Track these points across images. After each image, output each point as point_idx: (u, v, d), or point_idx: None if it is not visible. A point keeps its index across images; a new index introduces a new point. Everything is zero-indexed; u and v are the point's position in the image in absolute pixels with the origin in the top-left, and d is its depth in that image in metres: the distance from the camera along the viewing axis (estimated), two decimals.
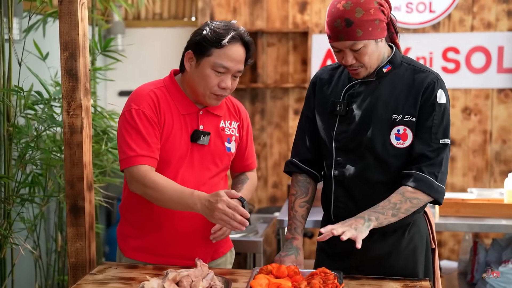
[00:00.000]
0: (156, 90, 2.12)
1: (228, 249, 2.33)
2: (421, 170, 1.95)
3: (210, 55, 2.03)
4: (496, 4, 4.71)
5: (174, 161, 2.10)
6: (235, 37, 2.03)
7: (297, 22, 4.93)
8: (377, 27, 1.93)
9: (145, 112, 2.05)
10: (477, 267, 3.54)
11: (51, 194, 3.18)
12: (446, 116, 1.99)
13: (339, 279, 1.86)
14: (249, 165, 2.34)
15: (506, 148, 4.80)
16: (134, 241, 2.20)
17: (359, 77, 2.03)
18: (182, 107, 2.12)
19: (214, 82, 2.05)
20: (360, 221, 1.87)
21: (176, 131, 2.09)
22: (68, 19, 2.29)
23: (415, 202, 1.94)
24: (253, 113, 5.05)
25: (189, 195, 1.95)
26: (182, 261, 2.16)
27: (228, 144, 2.19)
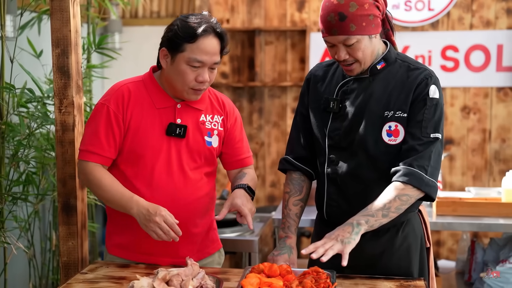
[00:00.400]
0: (130, 85, 2.12)
1: (216, 250, 2.30)
2: (409, 164, 1.92)
3: (183, 51, 2.01)
4: (495, 2, 4.69)
5: (148, 154, 2.08)
6: (206, 29, 2.00)
7: (295, 20, 4.91)
8: (371, 22, 1.91)
9: (109, 108, 2.07)
10: (474, 266, 3.52)
11: (45, 192, 3.17)
12: (439, 112, 1.96)
13: (331, 278, 1.84)
14: (243, 160, 2.27)
15: (505, 147, 4.77)
16: (117, 238, 2.19)
17: (353, 74, 2.01)
18: (158, 101, 2.10)
19: (191, 77, 2.03)
20: (348, 229, 1.84)
21: (147, 125, 2.08)
22: (59, 16, 2.27)
23: (405, 199, 1.91)
24: (250, 112, 5.03)
25: (128, 198, 2.01)
26: (163, 259, 2.14)
27: (209, 138, 2.15)
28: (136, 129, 2.08)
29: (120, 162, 2.11)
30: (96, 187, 2.06)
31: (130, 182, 2.09)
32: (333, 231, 1.86)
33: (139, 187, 2.08)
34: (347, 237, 1.82)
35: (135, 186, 2.08)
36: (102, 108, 2.08)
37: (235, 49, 5.03)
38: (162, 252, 2.14)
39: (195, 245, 2.19)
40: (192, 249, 2.18)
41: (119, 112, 2.07)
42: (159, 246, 2.12)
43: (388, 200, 1.89)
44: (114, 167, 2.13)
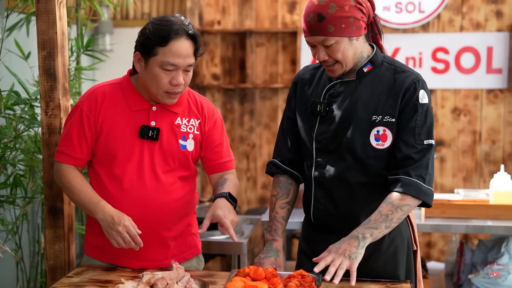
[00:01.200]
0: (107, 87, 2.13)
1: (194, 255, 2.28)
2: (408, 174, 1.92)
3: (156, 54, 2.00)
4: (485, 5, 4.71)
5: (120, 156, 2.09)
6: (178, 32, 1.99)
7: (286, 22, 4.92)
8: (351, 24, 1.90)
9: (83, 110, 2.09)
10: (463, 268, 3.53)
11: (33, 195, 3.15)
12: (429, 117, 1.97)
13: (317, 282, 1.84)
14: (223, 164, 2.24)
15: (495, 149, 4.79)
16: (91, 238, 2.20)
17: (334, 75, 2.01)
18: (133, 104, 2.10)
19: (165, 80, 2.02)
20: (354, 243, 1.83)
21: (120, 127, 2.08)
22: (45, 18, 2.27)
23: (406, 209, 1.92)
24: (242, 113, 5.03)
25: (95, 203, 2.03)
26: (135, 262, 2.13)
27: (183, 141, 2.14)
28: (109, 131, 2.08)
29: (95, 163, 2.13)
30: (67, 189, 2.11)
31: (103, 183, 2.10)
32: (339, 244, 1.85)
33: (111, 188, 2.09)
34: (354, 252, 1.82)
35: (107, 187, 2.09)
36: (76, 110, 2.11)
37: (226, 50, 5.03)
38: (135, 255, 2.12)
39: (168, 249, 2.17)
40: (165, 253, 2.17)
41: (91, 114, 2.08)
42: (132, 249, 2.09)
43: (390, 211, 1.90)
44: (90, 167, 2.16)
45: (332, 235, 2.08)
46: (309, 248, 2.15)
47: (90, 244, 2.20)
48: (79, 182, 2.08)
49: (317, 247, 2.12)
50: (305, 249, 2.18)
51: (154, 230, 2.11)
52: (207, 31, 4.95)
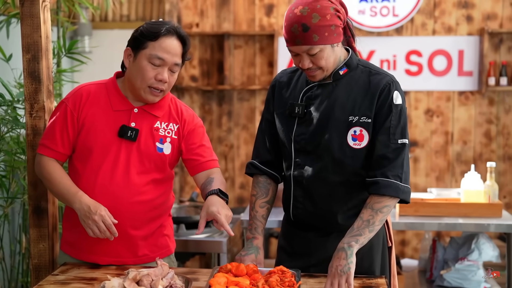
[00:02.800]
0: (93, 87, 2.20)
1: (165, 255, 2.29)
2: (385, 175, 1.99)
3: (146, 48, 2.09)
4: (456, 9, 4.84)
5: (96, 152, 2.14)
6: (169, 30, 2.09)
7: (263, 24, 4.99)
8: (333, 32, 1.98)
9: (67, 106, 2.15)
10: (435, 264, 3.63)
11: (15, 195, 3.17)
12: (403, 117, 2.04)
13: (296, 277, 1.91)
14: (205, 163, 2.25)
15: (467, 149, 4.93)
16: (66, 234, 2.24)
17: (315, 80, 2.07)
18: (116, 104, 2.17)
19: (151, 74, 2.09)
20: (342, 255, 1.89)
21: (100, 125, 2.14)
22: (30, 21, 2.30)
23: (386, 210, 1.98)
24: (220, 114, 5.09)
25: (72, 193, 2.09)
26: (104, 258, 2.18)
27: (160, 144, 2.19)
28: (89, 127, 2.14)
29: (74, 158, 2.19)
30: (46, 180, 2.16)
31: (79, 177, 2.16)
32: (332, 262, 1.91)
33: (85, 183, 2.14)
34: (344, 264, 1.88)
35: (81, 181, 2.14)
36: (61, 106, 2.17)
37: (204, 52, 5.08)
38: (103, 251, 2.17)
39: (137, 248, 2.21)
40: (134, 251, 2.21)
41: (75, 110, 2.14)
42: (100, 245, 2.15)
43: (371, 215, 1.96)
44: (70, 161, 2.21)
45: (311, 232, 2.15)
46: (289, 245, 2.21)
47: (65, 240, 2.25)
48: (59, 173, 2.14)
49: (296, 244, 2.19)
50: (284, 246, 2.24)
51: (122, 228, 2.13)
52: None
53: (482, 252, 3.44)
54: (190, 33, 4.99)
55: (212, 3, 5.01)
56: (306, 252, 2.16)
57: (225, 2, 5.00)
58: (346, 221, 2.06)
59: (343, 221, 2.09)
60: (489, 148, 4.91)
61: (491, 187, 3.35)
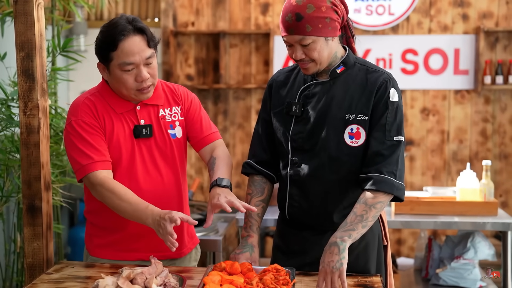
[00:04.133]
0: (90, 97, 2.16)
1: (194, 245, 2.35)
2: (379, 171, 1.99)
3: (112, 59, 2.05)
4: (452, 8, 4.84)
5: (124, 159, 2.13)
6: (123, 32, 2.02)
7: (259, 23, 4.98)
8: (327, 25, 1.98)
9: (84, 120, 2.09)
10: (431, 263, 3.63)
11: (10, 194, 3.16)
12: (399, 114, 2.04)
13: (291, 275, 1.91)
14: (207, 137, 2.27)
15: (463, 148, 4.93)
16: (99, 239, 2.23)
17: (308, 73, 2.07)
18: (117, 107, 2.15)
19: (130, 80, 2.07)
20: (335, 250, 1.87)
21: (119, 130, 2.13)
22: (24, 19, 2.28)
23: (379, 207, 1.98)
24: (216, 113, 5.09)
25: (143, 209, 1.98)
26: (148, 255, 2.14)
27: (172, 130, 2.20)
28: (111, 134, 2.12)
29: None
30: (109, 199, 2.02)
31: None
32: (323, 258, 1.89)
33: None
34: (337, 260, 1.86)
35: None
36: (78, 124, 2.09)
37: (200, 51, 5.07)
38: (148, 248, 2.17)
39: (180, 240, 2.20)
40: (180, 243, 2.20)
41: (95, 121, 2.10)
42: (146, 242, 2.15)
43: (364, 211, 1.95)
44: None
45: (306, 231, 2.15)
46: (284, 243, 2.21)
47: (97, 245, 2.23)
48: (122, 189, 2.02)
49: (291, 242, 2.19)
50: (280, 244, 2.24)
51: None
52: (181, 32, 4.99)
53: (478, 251, 3.44)
54: (185, 32, 4.99)
55: (208, 2, 5.00)
56: (301, 250, 2.15)
57: (221, 0, 5.00)
58: (342, 220, 2.04)
59: (338, 219, 2.08)
60: (485, 147, 4.92)
61: (486, 186, 3.35)
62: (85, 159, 2.05)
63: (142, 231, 2.16)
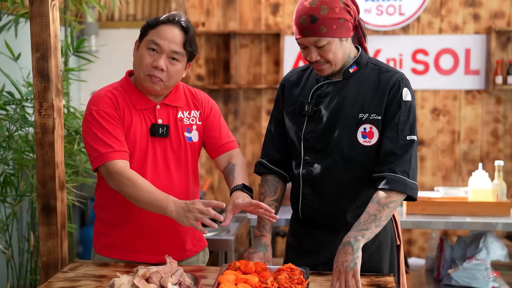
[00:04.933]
0: (113, 90, 2.18)
1: (202, 248, 2.35)
2: (392, 170, 1.99)
3: (146, 35, 2.12)
4: (463, 8, 4.83)
5: (137, 155, 2.14)
6: (170, 19, 2.11)
7: (269, 23, 4.99)
8: (341, 26, 1.98)
9: (105, 111, 2.10)
10: (443, 263, 3.63)
11: (24, 193, 3.19)
12: (412, 114, 2.05)
13: (305, 275, 1.91)
14: (225, 145, 2.29)
15: (474, 148, 4.92)
16: (105, 238, 2.24)
17: (323, 74, 2.08)
18: (138, 103, 2.16)
19: (148, 60, 2.09)
20: (348, 250, 1.88)
21: (136, 125, 2.14)
22: (39, 20, 2.30)
23: (392, 206, 1.98)
24: (226, 113, 5.10)
25: (164, 198, 1.99)
26: (151, 257, 2.19)
27: (188, 134, 2.22)
28: (128, 128, 2.14)
29: None
30: (128, 187, 2.02)
31: None
32: (337, 257, 1.89)
33: None
34: (351, 260, 1.86)
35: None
36: (98, 114, 2.10)
37: (210, 52, 5.09)
38: (152, 250, 2.19)
39: (184, 243, 2.24)
40: (181, 247, 2.24)
41: (115, 112, 2.12)
42: (151, 244, 2.17)
43: (378, 210, 1.96)
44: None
45: (319, 230, 2.16)
46: (297, 243, 2.22)
47: (103, 244, 2.24)
48: (141, 178, 2.03)
49: (304, 242, 2.20)
50: (293, 244, 2.25)
51: (172, 225, 2.15)
52: None
53: (490, 251, 3.43)
54: (196, 33, 4.98)
55: (218, 2, 5.01)
56: (314, 250, 2.16)
57: (231, 1, 5.01)
58: (355, 219, 2.05)
59: (351, 219, 2.09)
60: (496, 147, 4.90)
61: (499, 186, 3.34)
62: (104, 147, 2.06)
63: (146, 229, 2.17)
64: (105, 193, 2.19)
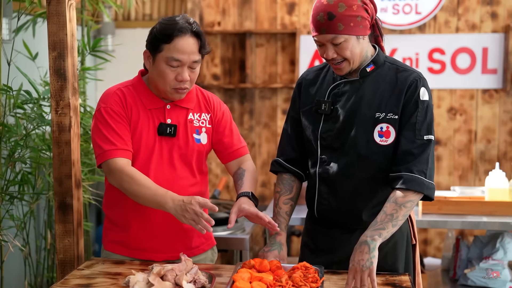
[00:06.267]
0: (123, 88, 2.20)
1: (210, 247, 2.36)
2: (409, 170, 1.99)
3: (162, 51, 2.09)
4: (480, 6, 4.79)
5: (142, 153, 2.15)
6: (181, 29, 2.07)
7: (285, 23, 4.99)
8: (359, 23, 1.98)
9: (113, 109, 2.13)
10: (459, 263, 3.60)
11: (41, 192, 3.22)
12: (429, 113, 2.04)
13: (319, 273, 1.91)
14: (236, 151, 2.31)
15: (491, 148, 4.87)
16: (112, 234, 2.27)
17: (341, 73, 2.08)
18: (148, 102, 2.18)
19: (171, 76, 2.10)
20: (365, 249, 1.88)
21: (143, 124, 2.16)
22: (56, 20, 2.33)
23: (409, 205, 1.97)
24: (241, 113, 5.10)
25: (162, 194, 2.02)
26: (157, 255, 2.21)
27: (197, 135, 2.22)
28: (135, 127, 2.16)
29: None
30: (128, 184, 2.05)
31: None
32: (353, 256, 1.89)
33: None
34: (367, 259, 1.86)
35: None
36: (105, 112, 2.13)
37: (226, 51, 5.09)
38: (158, 248, 2.21)
39: (190, 241, 2.26)
40: (187, 245, 2.25)
41: (122, 111, 2.14)
42: (155, 242, 2.20)
43: (395, 209, 1.95)
44: None
45: (335, 229, 2.15)
46: (312, 242, 2.22)
47: (110, 240, 2.27)
48: (141, 175, 2.06)
49: (319, 241, 2.20)
50: (308, 243, 2.25)
51: (177, 224, 2.18)
52: (207, 32, 5.02)
53: (507, 251, 3.40)
54: (212, 32, 5.01)
55: (234, 1, 5.02)
56: (330, 249, 2.16)
57: (247, 0, 5.01)
58: (371, 218, 2.05)
59: (367, 218, 2.08)
60: None
61: None
62: (108, 145, 2.09)
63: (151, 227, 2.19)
64: (111, 191, 2.23)
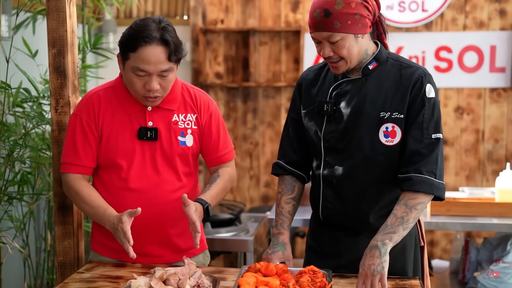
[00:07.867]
0: (101, 92, 2.15)
1: (201, 250, 2.29)
2: (419, 171, 1.92)
3: (128, 59, 2.01)
4: (488, 3, 4.72)
5: (121, 158, 2.10)
6: (147, 39, 1.96)
7: (289, 21, 4.93)
8: (357, 22, 1.91)
9: (82, 118, 2.10)
10: (468, 266, 3.55)
11: (40, 192, 3.17)
12: (437, 111, 1.97)
13: (327, 278, 1.86)
14: (222, 157, 2.26)
15: (499, 148, 4.81)
16: (98, 235, 2.23)
17: (338, 72, 2.01)
18: (127, 106, 2.12)
19: (139, 85, 2.03)
20: (376, 254, 1.82)
21: (118, 130, 2.10)
22: (56, 16, 2.28)
23: (420, 207, 1.92)
24: (245, 112, 5.05)
25: (101, 213, 2.04)
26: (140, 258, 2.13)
27: (182, 138, 2.15)
28: (109, 134, 2.10)
29: (99, 169, 2.15)
30: (74, 200, 2.14)
31: (107, 188, 2.13)
32: (363, 260, 1.84)
33: (115, 191, 2.11)
34: (378, 263, 1.81)
35: (110, 191, 2.12)
36: (75, 120, 2.12)
37: (229, 49, 5.04)
38: (142, 252, 2.13)
39: (175, 245, 2.19)
40: (173, 249, 2.19)
41: (91, 121, 2.10)
42: (138, 246, 2.10)
43: (405, 212, 1.89)
44: (94, 173, 2.17)
45: (340, 231, 2.10)
46: (317, 244, 2.17)
47: (98, 241, 2.23)
48: (86, 191, 2.09)
49: (325, 243, 2.14)
50: (313, 245, 2.19)
51: (160, 228, 2.14)
52: (210, 30, 4.96)
53: None
54: (215, 30, 4.95)
55: None
56: (336, 252, 2.11)
57: None
58: (378, 221, 2.00)
59: (374, 220, 2.03)
60: None
61: None
62: (67, 157, 2.13)
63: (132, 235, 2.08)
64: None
